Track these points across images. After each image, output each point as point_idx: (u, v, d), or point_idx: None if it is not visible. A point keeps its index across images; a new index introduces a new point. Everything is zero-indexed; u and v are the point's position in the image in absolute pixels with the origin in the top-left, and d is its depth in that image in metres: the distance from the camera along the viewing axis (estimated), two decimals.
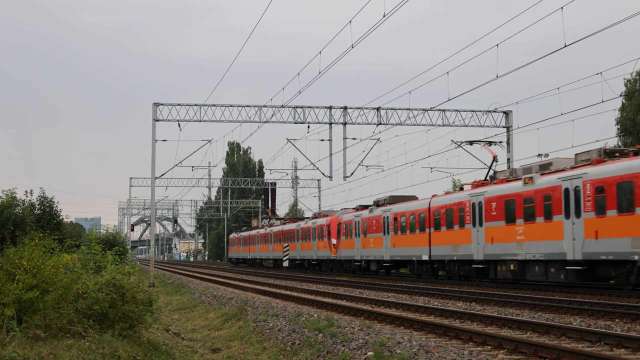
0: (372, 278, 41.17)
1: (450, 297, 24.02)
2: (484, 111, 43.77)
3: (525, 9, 40.80)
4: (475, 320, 16.77)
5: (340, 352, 12.78)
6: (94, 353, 11.38)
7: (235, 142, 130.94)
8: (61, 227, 36.56)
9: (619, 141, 56.50)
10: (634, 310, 17.34)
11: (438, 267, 35.57)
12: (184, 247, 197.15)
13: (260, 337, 16.24)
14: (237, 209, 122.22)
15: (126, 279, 14.68)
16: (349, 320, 16.54)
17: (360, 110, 43.80)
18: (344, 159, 43.63)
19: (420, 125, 43.70)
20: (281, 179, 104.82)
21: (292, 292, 28.53)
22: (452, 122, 43.70)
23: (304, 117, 43.53)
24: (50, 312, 13.18)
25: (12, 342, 11.61)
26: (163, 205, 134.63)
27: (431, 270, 36.38)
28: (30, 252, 13.91)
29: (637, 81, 55.82)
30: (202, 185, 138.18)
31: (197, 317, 22.75)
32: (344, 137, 43.73)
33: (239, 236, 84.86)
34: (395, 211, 39.83)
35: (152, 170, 43.91)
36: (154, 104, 42.91)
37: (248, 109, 43.61)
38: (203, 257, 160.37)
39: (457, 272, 33.38)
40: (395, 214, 39.69)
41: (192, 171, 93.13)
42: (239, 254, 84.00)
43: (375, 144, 44.77)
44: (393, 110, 43.70)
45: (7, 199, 31.00)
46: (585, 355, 10.85)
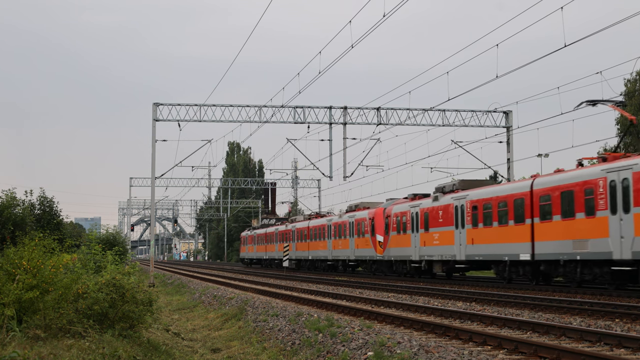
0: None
1: (450, 297, 24.02)
2: (484, 111, 43.79)
3: (525, 9, 40.80)
4: (475, 320, 16.77)
5: (340, 352, 12.78)
6: (94, 353, 11.39)
7: (235, 142, 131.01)
8: (61, 227, 36.55)
9: (619, 141, 56.40)
10: (634, 310, 17.34)
11: (546, 270, 27.67)
12: (184, 247, 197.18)
13: (260, 337, 16.24)
14: (237, 209, 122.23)
15: (126, 279, 14.68)
16: (349, 320, 16.54)
17: (360, 110, 43.81)
18: (344, 159, 43.66)
19: (420, 125, 43.73)
20: (281, 179, 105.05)
21: (292, 292, 28.53)
22: (452, 122, 43.71)
23: (304, 117, 43.54)
24: (50, 312, 13.18)
25: (12, 342, 11.61)
26: (163, 205, 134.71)
27: (533, 273, 28.44)
28: (30, 252, 13.91)
29: (637, 81, 55.79)
30: (202, 185, 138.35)
31: (197, 317, 22.75)
32: (344, 137, 43.74)
33: (252, 234, 76.33)
34: (473, 198, 32.36)
35: (152, 170, 43.92)
36: (154, 104, 42.91)
37: (248, 109, 43.62)
38: (203, 257, 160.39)
39: (578, 276, 25.66)
40: (474, 201, 32.17)
41: (192, 171, 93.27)
42: (253, 254, 76.23)
43: (375, 144, 44.81)
44: (393, 110, 43.71)
45: (7, 199, 31.00)
46: (585, 355, 10.85)
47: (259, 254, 72.96)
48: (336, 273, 50.13)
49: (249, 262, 79.19)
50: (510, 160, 43.60)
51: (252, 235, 75.87)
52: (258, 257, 73.81)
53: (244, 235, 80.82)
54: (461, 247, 32.79)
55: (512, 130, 43.33)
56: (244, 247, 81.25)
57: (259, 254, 72.67)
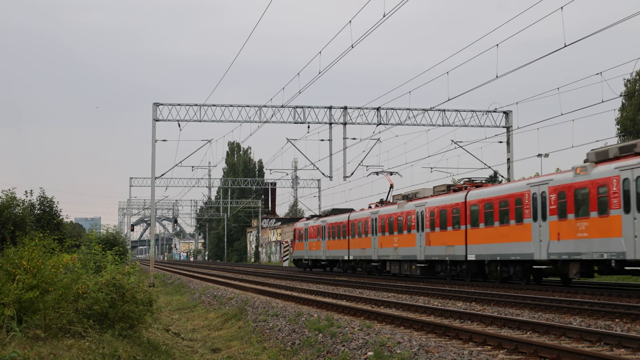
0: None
1: (450, 297, 24.02)
2: (484, 111, 43.80)
3: (525, 9, 40.79)
4: (475, 320, 16.76)
5: (340, 352, 12.78)
6: (94, 353, 11.39)
7: (235, 142, 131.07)
8: (61, 227, 36.55)
9: (619, 141, 56.48)
10: (634, 310, 17.34)
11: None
12: (184, 247, 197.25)
13: (260, 337, 16.24)
14: (237, 209, 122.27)
15: (126, 279, 14.68)
16: (349, 320, 16.54)
17: (360, 110, 43.82)
18: (344, 159, 43.68)
19: (420, 125, 43.76)
20: (281, 179, 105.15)
21: (292, 292, 28.53)
22: (452, 122, 43.73)
23: (304, 117, 43.55)
24: (50, 312, 13.18)
25: (12, 342, 11.60)
26: (163, 205, 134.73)
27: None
28: (30, 252, 13.90)
29: (637, 81, 55.80)
30: (202, 185, 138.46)
31: (197, 317, 22.75)
32: (344, 137, 43.76)
33: (319, 224, 54.70)
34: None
35: (152, 170, 43.91)
36: (154, 104, 42.92)
37: (248, 109, 43.64)
38: (203, 257, 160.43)
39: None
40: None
41: (192, 171, 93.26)
42: (319, 253, 55.06)
43: (375, 144, 44.85)
44: (393, 110, 43.72)
45: (7, 199, 30.98)
46: (585, 355, 10.85)
47: (330, 252, 52.46)
48: None
49: (309, 265, 58.84)
50: (510, 160, 43.61)
51: (317, 226, 55.06)
52: (329, 257, 53.12)
53: (301, 227, 59.82)
54: None
55: (512, 130, 43.34)
56: (300, 244, 59.96)
57: (331, 253, 52.28)
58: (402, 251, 39.06)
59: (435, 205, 35.54)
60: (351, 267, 48.95)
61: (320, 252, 54.62)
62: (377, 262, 42.86)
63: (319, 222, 54.80)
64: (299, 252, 60.48)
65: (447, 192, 35.79)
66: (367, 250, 44.24)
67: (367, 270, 45.62)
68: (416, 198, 38.48)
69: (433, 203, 35.75)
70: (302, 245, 59.44)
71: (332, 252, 51.96)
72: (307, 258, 58.27)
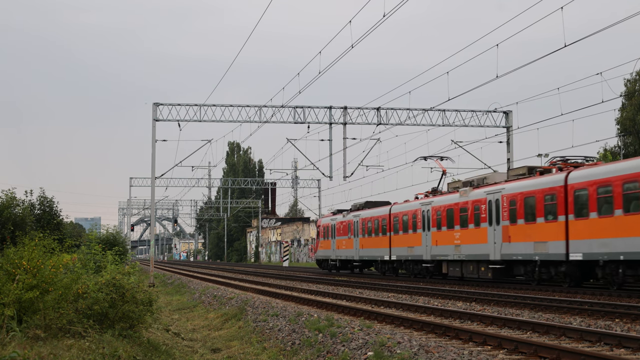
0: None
1: (450, 297, 24.02)
2: (484, 111, 43.81)
3: (525, 9, 40.80)
4: (475, 320, 16.76)
5: (340, 352, 12.78)
6: (94, 353, 11.38)
7: (235, 142, 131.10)
8: (61, 227, 36.54)
9: (619, 141, 56.54)
10: (634, 310, 17.34)
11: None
12: (184, 247, 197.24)
13: (260, 337, 16.23)
14: (237, 209, 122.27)
15: (126, 279, 14.67)
16: (349, 320, 16.54)
17: (360, 110, 43.82)
18: (344, 159, 43.68)
19: (420, 125, 43.77)
20: (281, 179, 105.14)
21: (292, 292, 28.53)
22: (452, 122, 43.73)
23: (304, 117, 43.55)
24: (50, 312, 13.18)
25: (12, 342, 11.60)
26: (163, 205, 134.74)
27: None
28: (30, 252, 13.90)
29: (637, 81, 55.83)
30: (202, 185, 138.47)
31: (197, 317, 22.74)
32: (344, 137, 43.76)
33: (349, 220, 47.35)
34: None
35: (152, 170, 43.91)
36: (154, 104, 42.92)
37: (248, 109, 43.64)
38: (203, 257, 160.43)
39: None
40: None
41: (192, 171, 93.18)
42: (346, 252, 47.85)
43: (375, 144, 44.82)
44: (393, 110, 43.72)
45: (7, 199, 30.98)
46: (585, 355, 10.85)
47: (364, 251, 44.75)
48: None
49: (337, 266, 50.48)
50: (510, 160, 43.61)
51: (349, 221, 47.18)
52: (366, 257, 44.89)
53: (326, 224, 51.99)
54: None
55: (512, 130, 43.34)
56: (326, 242, 51.95)
57: (365, 252, 44.58)
58: (467, 249, 32.42)
59: (518, 192, 29.00)
60: (392, 269, 41.85)
61: (351, 252, 46.65)
62: (430, 263, 36.18)
63: (349, 217, 46.75)
64: (324, 252, 51.80)
65: (529, 175, 29.62)
66: (416, 249, 37.37)
67: (414, 272, 38.72)
68: (485, 184, 32.33)
69: (513, 189, 29.42)
70: (327, 244, 51.14)
71: (367, 251, 43.90)
72: (335, 258, 49.78)
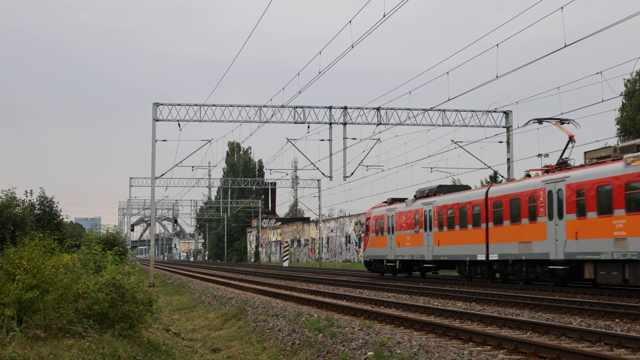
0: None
1: (450, 297, 24.02)
2: (484, 111, 43.80)
3: (525, 9, 40.82)
4: (475, 320, 16.76)
5: (340, 352, 12.78)
6: (94, 353, 11.38)
7: (235, 142, 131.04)
8: (61, 227, 36.53)
9: (619, 141, 56.52)
10: (634, 310, 17.34)
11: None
12: (184, 247, 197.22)
13: (260, 337, 16.24)
14: (237, 209, 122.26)
15: (126, 279, 14.67)
16: (349, 320, 16.54)
17: (360, 110, 43.82)
18: (344, 159, 43.65)
19: (420, 125, 43.75)
20: (281, 179, 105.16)
21: (292, 292, 28.53)
22: (452, 122, 43.73)
23: (304, 117, 43.55)
24: (50, 312, 13.18)
25: (12, 342, 11.60)
26: (163, 205, 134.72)
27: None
28: (30, 252, 13.90)
29: (637, 81, 55.82)
30: (202, 185, 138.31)
31: (197, 317, 22.74)
32: (344, 137, 43.75)
33: (417, 209, 38.08)
34: None
35: (152, 170, 43.91)
36: (154, 104, 42.91)
37: (248, 109, 43.63)
38: (203, 257, 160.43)
39: None
40: None
41: (192, 171, 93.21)
42: (412, 250, 38.33)
43: (375, 144, 44.80)
44: (393, 110, 43.72)
45: (7, 199, 30.99)
46: (585, 355, 10.85)
47: (446, 249, 35.09)
48: None
49: (395, 268, 40.80)
50: (510, 160, 43.61)
51: (418, 210, 37.85)
52: (447, 256, 35.19)
53: (380, 215, 42.57)
54: None
55: (512, 130, 43.34)
56: (379, 239, 42.51)
57: (449, 250, 34.90)
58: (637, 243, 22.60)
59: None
60: (488, 271, 32.01)
61: (420, 250, 37.18)
62: (564, 264, 26.25)
63: (416, 205, 37.76)
64: (377, 251, 42.36)
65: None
66: (534, 245, 27.65)
67: (526, 277, 28.93)
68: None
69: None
70: (382, 241, 41.64)
71: (446, 249, 34.65)
72: (394, 258, 40.20)
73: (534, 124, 31.64)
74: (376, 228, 42.68)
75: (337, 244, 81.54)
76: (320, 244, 75.06)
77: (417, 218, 37.64)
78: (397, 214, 40.13)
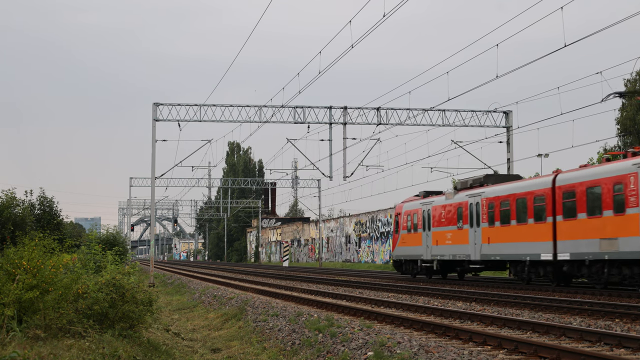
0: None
1: (450, 297, 24.02)
2: (484, 111, 43.80)
3: (525, 9, 40.82)
4: (475, 320, 16.76)
5: (340, 352, 12.78)
6: (94, 353, 11.39)
7: (235, 142, 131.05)
8: (61, 227, 36.55)
9: (619, 141, 56.54)
10: (634, 310, 17.34)
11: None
12: (184, 247, 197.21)
13: (260, 337, 16.24)
14: (237, 209, 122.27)
15: (126, 279, 14.68)
16: (349, 320, 16.54)
17: (360, 110, 43.82)
18: (344, 159, 43.67)
19: (420, 125, 43.75)
20: (281, 179, 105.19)
21: (292, 292, 28.53)
22: (452, 122, 43.73)
23: (304, 117, 43.56)
24: (50, 312, 13.18)
25: (12, 342, 11.60)
26: (163, 205, 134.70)
27: None
28: (30, 252, 13.90)
29: (637, 81, 55.81)
30: (202, 185, 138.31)
31: (197, 317, 22.75)
32: (344, 137, 43.76)
33: (460, 201, 33.42)
34: None
35: (152, 170, 43.91)
36: (154, 104, 42.92)
37: (248, 109, 43.64)
38: (203, 257, 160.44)
39: None
40: None
41: (192, 171, 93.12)
42: (454, 249, 33.78)
43: (375, 144, 44.81)
44: (393, 110, 43.72)
45: (7, 199, 31.00)
46: (585, 355, 10.85)
47: (498, 247, 30.44)
48: None
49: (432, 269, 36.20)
50: (510, 160, 43.61)
51: (462, 203, 33.13)
52: (499, 255, 30.53)
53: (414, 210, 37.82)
54: None
55: (512, 130, 43.34)
56: (412, 236, 37.74)
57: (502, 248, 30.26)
58: None
59: None
60: (554, 272, 27.22)
61: (464, 248, 32.46)
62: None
63: (460, 197, 33.13)
64: (410, 250, 37.69)
65: None
66: (621, 242, 23.26)
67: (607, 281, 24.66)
68: None
69: None
70: (415, 239, 37.02)
71: (500, 247, 29.98)
72: (430, 258, 35.43)
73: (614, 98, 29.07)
74: (408, 224, 38.06)
75: (337, 244, 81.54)
76: (320, 244, 75.06)
77: (460, 212, 32.96)
78: (434, 208, 35.48)
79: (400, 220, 39.13)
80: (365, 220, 73.10)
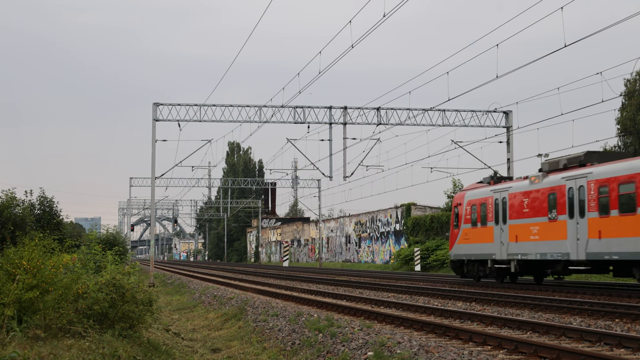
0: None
1: (450, 297, 24.02)
2: (484, 111, 43.79)
3: (525, 9, 40.82)
4: (475, 320, 16.77)
5: (340, 352, 12.78)
6: (94, 353, 11.39)
7: (235, 142, 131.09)
8: (61, 227, 36.54)
9: (619, 141, 56.55)
10: (634, 310, 17.34)
11: None
12: (184, 247, 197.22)
13: (260, 337, 16.24)
14: (237, 209, 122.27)
15: (126, 279, 14.68)
16: (349, 320, 16.54)
17: (360, 110, 43.82)
18: (344, 159, 43.66)
19: (420, 125, 43.73)
20: (281, 179, 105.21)
21: (292, 292, 28.53)
22: (452, 122, 43.72)
23: (304, 117, 43.56)
24: (50, 312, 13.18)
25: (12, 342, 11.61)
26: (163, 205, 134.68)
27: None
28: (30, 252, 13.91)
29: (637, 81, 55.82)
30: (202, 185, 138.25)
31: (197, 317, 22.75)
32: (344, 137, 43.75)
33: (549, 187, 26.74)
34: None
35: (152, 170, 43.91)
36: (154, 104, 42.91)
37: (248, 109, 43.64)
38: (203, 257, 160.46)
39: None
40: None
41: (192, 171, 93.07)
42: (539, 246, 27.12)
43: (375, 144, 44.80)
44: (393, 110, 43.71)
45: (7, 199, 31.00)
46: (585, 355, 10.85)
47: (610, 243, 23.57)
48: None
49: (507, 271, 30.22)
50: (510, 160, 43.60)
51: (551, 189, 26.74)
52: (611, 254, 23.51)
53: (481, 199, 31.50)
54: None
55: (512, 130, 43.34)
56: (478, 232, 31.69)
57: (616, 245, 23.33)
58: None
59: None
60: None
61: (560, 245, 26.01)
62: None
63: (552, 180, 26.78)
64: (476, 247, 31.68)
65: None
66: None
67: None
68: None
69: None
70: (483, 234, 31.02)
71: (619, 243, 23.20)
72: (507, 258, 29.13)
73: None
74: (473, 217, 31.84)
75: (337, 244, 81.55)
76: (320, 244, 75.07)
77: (552, 200, 26.50)
78: (511, 195, 29.01)
79: (461, 212, 32.76)
80: (365, 220, 73.12)
